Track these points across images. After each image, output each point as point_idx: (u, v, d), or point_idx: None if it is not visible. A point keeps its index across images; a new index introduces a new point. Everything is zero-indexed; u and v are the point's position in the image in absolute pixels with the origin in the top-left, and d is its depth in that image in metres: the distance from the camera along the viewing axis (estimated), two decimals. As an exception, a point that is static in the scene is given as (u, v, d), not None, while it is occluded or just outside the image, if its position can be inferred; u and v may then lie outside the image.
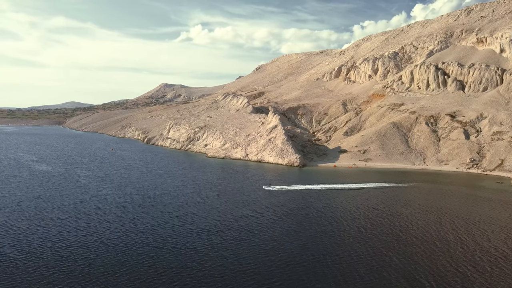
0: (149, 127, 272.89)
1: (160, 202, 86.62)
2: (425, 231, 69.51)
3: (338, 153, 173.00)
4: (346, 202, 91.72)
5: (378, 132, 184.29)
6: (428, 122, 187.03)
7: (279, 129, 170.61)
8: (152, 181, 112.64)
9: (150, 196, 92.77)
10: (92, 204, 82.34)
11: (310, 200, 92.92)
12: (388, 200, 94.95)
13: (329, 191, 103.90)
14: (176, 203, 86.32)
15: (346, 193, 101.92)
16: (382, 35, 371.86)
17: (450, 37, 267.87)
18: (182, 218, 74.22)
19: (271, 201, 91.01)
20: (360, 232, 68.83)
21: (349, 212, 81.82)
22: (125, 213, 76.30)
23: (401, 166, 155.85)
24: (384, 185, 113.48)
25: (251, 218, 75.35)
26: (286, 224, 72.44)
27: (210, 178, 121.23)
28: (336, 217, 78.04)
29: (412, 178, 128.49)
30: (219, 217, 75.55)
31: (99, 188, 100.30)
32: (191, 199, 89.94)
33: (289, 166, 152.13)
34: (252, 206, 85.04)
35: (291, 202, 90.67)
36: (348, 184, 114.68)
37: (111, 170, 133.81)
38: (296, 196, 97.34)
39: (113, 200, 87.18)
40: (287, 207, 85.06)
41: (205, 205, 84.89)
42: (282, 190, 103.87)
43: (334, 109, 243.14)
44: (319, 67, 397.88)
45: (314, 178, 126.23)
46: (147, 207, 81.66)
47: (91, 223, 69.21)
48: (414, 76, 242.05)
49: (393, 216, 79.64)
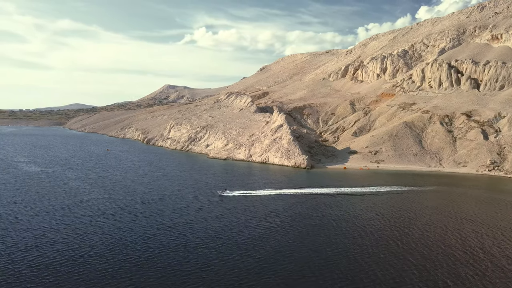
0: (150, 128, 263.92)
1: (154, 209, 76.91)
2: (472, 247, 58.60)
3: (347, 154, 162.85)
4: (365, 209, 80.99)
5: (390, 132, 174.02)
6: (442, 121, 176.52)
7: (285, 128, 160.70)
8: (148, 185, 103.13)
9: (144, 201, 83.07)
10: (76, 211, 72.70)
11: (330, 205, 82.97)
12: (412, 206, 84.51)
13: (342, 196, 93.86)
14: (172, 210, 76.62)
15: (363, 199, 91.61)
16: (390, 33, 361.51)
17: (462, 34, 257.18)
18: (177, 229, 64.30)
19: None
20: (396, 245, 58.32)
21: (373, 221, 71.11)
22: (111, 222, 66.53)
23: (416, 168, 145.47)
24: (402, 189, 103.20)
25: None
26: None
27: (212, 181, 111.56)
28: (360, 226, 67.69)
29: (430, 181, 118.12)
30: (220, 228, 65.78)
31: (88, 192, 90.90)
32: (189, 206, 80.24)
33: (296, 167, 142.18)
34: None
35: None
36: (362, 187, 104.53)
37: (105, 171, 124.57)
38: (307, 200, 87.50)
39: (101, 206, 77.59)
40: (307, 212, 75.26)
41: (206, 212, 75.01)
42: (290, 194, 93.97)
43: (341, 109, 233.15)
44: (325, 67, 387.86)
45: (324, 180, 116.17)
46: (139, 215, 71.88)
47: (69, 235, 59.24)
48: (426, 75, 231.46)
49: (425, 225, 68.96)
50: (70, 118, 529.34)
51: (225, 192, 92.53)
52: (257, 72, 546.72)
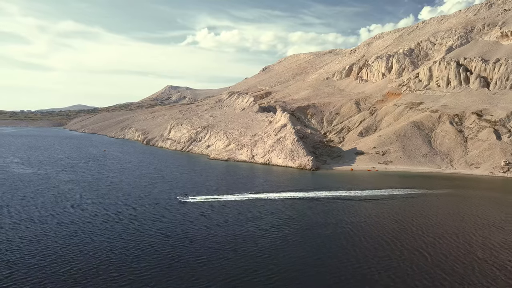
0: (150, 128, 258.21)
1: (150, 216, 70.74)
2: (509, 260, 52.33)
3: (354, 155, 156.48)
4: (381, 215, 73.96)
5: (398, 132, 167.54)
6: (452, 121, 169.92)
7: (289, 128, 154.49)
8: (146, 188, 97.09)
9: (140, 207, 76.84)
10: (63, 218, 66.60)
11: (341, 211, 76.73)
12: (431, 211, 77.66)
13: (352, 200, 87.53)
14: (169, 216, 70.55)
15: (376, 203, 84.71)
16: (395, 32, 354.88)
17: (470, 32, 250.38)
18: (174, 239, 58.12)
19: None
20: (424, 259, 51.62)
21: (392, 229, 64.12)
22: (101, 232, 60.25)
23: (426, 169, 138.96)
24: (415, 192, 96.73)
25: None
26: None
27: (214, 184, 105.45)
28: (379, 235, 60.94)
29: (443, 184, 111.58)
30: (222, 238, 59.71)
31: (80, 196, 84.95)
32: (189, 212, 74.11)
33: (301, 169, 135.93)
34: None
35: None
36: (372, 190, 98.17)
37: (101, 173, 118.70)
38: (316, 205, 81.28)
39: (91, 212, 71.51)
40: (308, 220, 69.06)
41: (207, 220, 68.77)
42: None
43: (346, 109, 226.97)
44: (328, 67, 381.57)
45: (331, 183, 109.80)
46: (132, 223, 65.54)
47: (51, 247, 53.09)
48: (433, 73, 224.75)
49: (452, 235, 62.24)
50: (71, 119, 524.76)
51: (187, 198, 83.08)
52: (259, 72, 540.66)
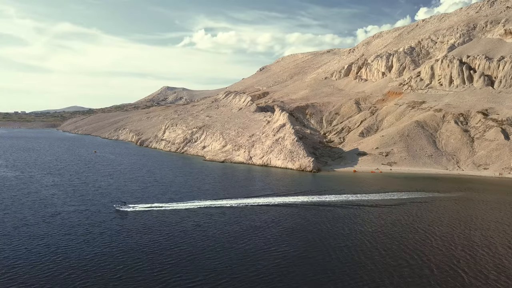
0: (144, 129, 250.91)
1: (138, 226, 63.66)
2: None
3: (356, 156, 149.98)
4: (396, 223, 66.63)
5: (401, 132, 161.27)
6: (457, 120, 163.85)
7: (288, 128, 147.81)
8: (136, 193, 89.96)
9: (128, 216, 69.10)
10: (39, 230, 59.07)
11: (349, 218, 69.95)
12: (452, 218, 70.79)
13: (359, 206, 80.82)
14: (161, 225, 63.56)
15: (387, 209, 77.84)
16: (394, 31, 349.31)
17: (473, 29, 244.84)
18: (161, 260, 50.96)
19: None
20: (461, 278, 44.77)
21: (414, 241, 57.11)
22: (81, 246, 52.53)
23: (432, 171, 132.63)
24: (426, 196, 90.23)
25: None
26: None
27: (211, 188, 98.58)
28: (403, 249, 53.90)
29: (454, 186, 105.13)
30: (221, 259, 52.82)
31: (62, 203, 77.78)
32: (183, 221, 67.09)
33: (301, 171, 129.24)
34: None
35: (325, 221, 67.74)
36: (378, 194, 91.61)
37: (88, 177, 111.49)
38: (318, 211, 74.56)
39: (73, 222, 64.27)
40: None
41: (204, 230, 61.64)
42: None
43: (346, 108, 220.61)
44: (326, 66, 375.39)
45: (334, 186, 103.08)
46: (117, 236, 57.85)
47: (17, 267, 45.56)
48: (435, 72, 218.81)
49: (483, 247, 55.70)
50: (65, 120, 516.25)
51: (124, 206, 73.19)
52: (256, 72, 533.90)
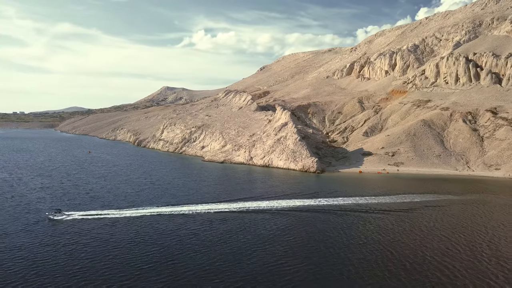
0: (142, 129, 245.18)
1: (129, 236, 57.71)
2: None
3: (361, 156, 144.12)
4: (418, 228, 61.50)
5: (407, 131, 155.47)
6: (465, 119, 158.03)
7: (290, 127, 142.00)
8: (131, 196, 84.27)
9: (119, 224, 62.59)
10: (16, 241, 53.17)
11: (366, 223, 64.02)
12: (478, 223, 65.18)
13: (372, 208, 74.99)
14: (157, 239, 57.62)
15: (404, 215, 72.10)
16: (397, 29, 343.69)
17: (478, 26, 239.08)
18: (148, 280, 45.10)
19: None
20: None
21: (447, 255, 50.73)
22: (55, 269, 46.50)
23: (441, 171, 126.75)
24: (440, 198, 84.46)
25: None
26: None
27: (211, 190, 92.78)
28: (433, 260, 48.11)
29: (467, 188, 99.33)
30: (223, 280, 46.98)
31: (48, 207, 72.02)
32: (178, 228, 61.32)
33: (304, 171, 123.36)
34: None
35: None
36: (388, 196, 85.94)
37: (80, 179, 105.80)
38: (321, 218, 68.70)
39: (53, 232, 58.37)
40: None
41: (200, 239, 55.70)
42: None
43: (349, 107, 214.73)
44: (328, 65, 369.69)
45: (340, 187, 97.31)
46: (102, 250, 51.73)
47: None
48: (440, 70, 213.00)
49: None
50: (64, 120, 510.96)
51: (59, 215, 65.47)
52: (257, 72, 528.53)
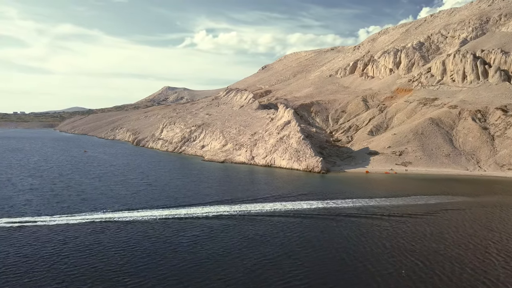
0: (141, 128, 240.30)
1: (118, 244, 52.54)
2: None
3: (367, 156, 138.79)
4: (450, 237, 56.21)
5: (415, 129, 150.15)
6: (474, 117, 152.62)
7: (293, 125, 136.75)
8: (125, 198, 78.82)
9: (109, 232, 56.10)
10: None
11: (388, 231, 58.73)
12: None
13: (385, 213, 69.68)
14: (151, 247, 52.49)
15: (427, 218, 66.92)
16: (401, 27, 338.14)
17: (486, 23, 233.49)
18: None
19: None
20: None
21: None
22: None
23: (451, 171, 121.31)
24: (455, 200, 78.87)
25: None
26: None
27: (213, 192, 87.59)
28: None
29: (482, 189, 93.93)
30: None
31: (34, 211, 66.90)
32: (175, 235, 56.15)
33: (308, 171, 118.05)
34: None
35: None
36: (401, 198, 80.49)
37: (73, 180, 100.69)
38: (332, 224, 63.38)
39: (39, 241, 53.22)
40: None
41: (202, 252, 50.63)
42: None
43: (353, 106, 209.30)
44: (331, 64, 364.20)
45: (347, 188, 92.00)
46: (85, 264, 46.17)
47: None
48: (447, 67, 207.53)
49: None
50: (64, 120, 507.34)
51: None
52: (258, 71, 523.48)
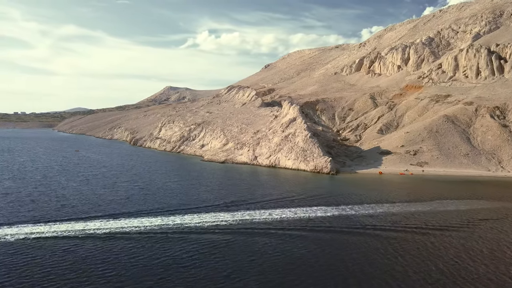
0: (140, 127, 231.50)
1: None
2: None
3: (378, 155, 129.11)
4: (499, 254, 47.16)
5: (429, 127, 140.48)
6: (493, 114, 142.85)
7: (299, 122, 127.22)
8: (117, 204, 69.63)
9: (94, 248, 47.02)
10: None
11: (436, 250, 49.40)
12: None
13: (415, 224, 60.08)
14: (142, 267, 43.39)
15: (466, 232, 57.47)
16: (408, 23, 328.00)
17: (499, 17, 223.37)
18: None
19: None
20: None
21: None
22: None
23: (472, 172, 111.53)
24: (492, 206, 69.22)
25: None
26: None
27: (213, 197, 78.42)
28: None
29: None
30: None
31: (5, 219, 57.88)
32: (168, 250, 46.95)
33: (316, 172, 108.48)
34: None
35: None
36: (428, 202, 71.08)
37: (57, 182, 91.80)
38: (354, 241, 54.04)
39: (13, 247, 44.35)
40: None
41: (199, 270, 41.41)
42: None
43: (361, 104, 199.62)
44: (336, 62, 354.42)
45: (362, 192, 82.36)
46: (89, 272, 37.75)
47: None
48: (460, 63, 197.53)
49: None
50: (64, 120, 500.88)
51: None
52: (261, 69, 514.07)
